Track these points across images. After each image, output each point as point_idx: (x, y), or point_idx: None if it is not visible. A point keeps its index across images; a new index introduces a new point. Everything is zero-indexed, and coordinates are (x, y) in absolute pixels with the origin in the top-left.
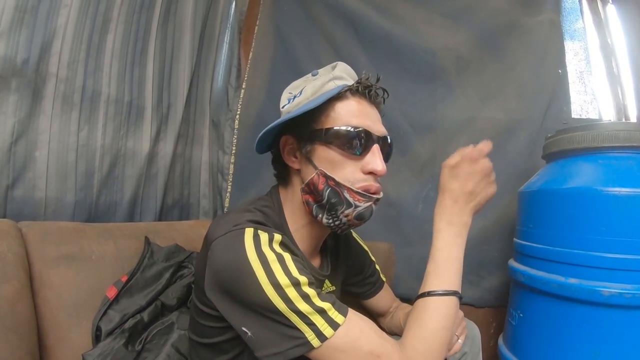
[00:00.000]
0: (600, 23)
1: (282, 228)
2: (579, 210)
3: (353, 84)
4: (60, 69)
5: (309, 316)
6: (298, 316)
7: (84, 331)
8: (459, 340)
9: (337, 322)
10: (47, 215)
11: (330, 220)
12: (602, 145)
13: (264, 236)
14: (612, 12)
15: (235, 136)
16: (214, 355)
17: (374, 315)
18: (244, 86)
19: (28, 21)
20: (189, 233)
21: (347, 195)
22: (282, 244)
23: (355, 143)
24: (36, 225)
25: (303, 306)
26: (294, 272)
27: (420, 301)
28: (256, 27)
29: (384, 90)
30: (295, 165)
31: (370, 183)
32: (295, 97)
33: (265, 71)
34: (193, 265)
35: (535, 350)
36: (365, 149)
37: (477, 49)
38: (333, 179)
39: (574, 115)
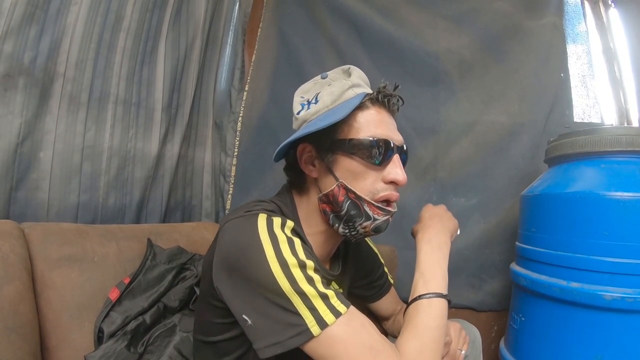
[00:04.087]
0: (602, 27)
1: (296, 228)
2: (581, 215)
3: (373, 93)
4: (68, 69)
5: (312, 299)
6: (300, 298)
7: (86, 333)
8: (462, 352)
9: (339, 310)
10: (50, 217)
11: (347, 231)
12: (605, 149)
13: (277, 220)
14: (614, 16)
15: (238, 138)
16: (218, 356)
17: (378, 319)
18: (246, 88)
19: (39, 17)
20: (191, 235)
21: (366, 208)
22: (294, 230)
23: (377, 153)
24: (39, 226)
25: (307, 288)
26: (301, 254)
27: (411, 306)
28: (259, 30)
29: (401, 98)
30: (313, 174)
31: (391, 192)
32: (309, 102)
33: (268, 74)
34: (196, 267)
35: (537, 354)
36: (386, 159)
37: (480, 52)
38: (354, 192)
39: (576, 119)
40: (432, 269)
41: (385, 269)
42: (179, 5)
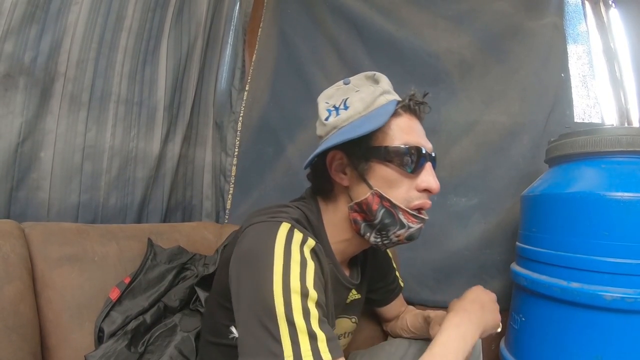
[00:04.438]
0: (603, 27)
1: (320, 235)
2: (582, 215)
3: (405, 100)
4: (69, 68)
5: (299, 334)
6: (288, 328)
7: (87, 332)
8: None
9: (321, 358)
10: (50, 217)
11: (379, 240)
12: (605, 149)
13: (297, 235)
14: (615, 16)
15: (238, 138)
16: (228, 358)
17: (381, 321)
18: (247, 88)
19: (39, 17)
20: (191, 235)
21: (401, 216)
22: (313, 251)
23: (411, 161)
24: (39, 226)
25: (299, 320)
26: (309, 282)
27: None
28: (260, 30)
29: (428, 105)
30: (344, 182)
31: (425, 201)
32: (337, 108)
33: (268, 73)
34: (196, 267)
35: (537, 354)
36: (419, 167)
37: (480, 52)
38: (389, 200)
39: (577, 119)
40: (444, 356)
41: (397, 273)
42: (180, 4)
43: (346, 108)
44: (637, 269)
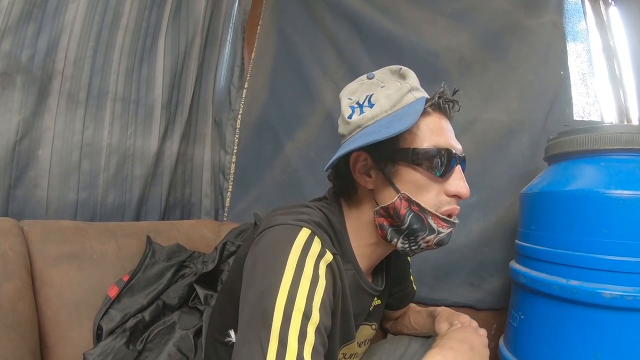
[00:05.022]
0: (602, 25)
1: (343, 240)
2: (581, 213)
3: (435, 98)
4: (66, 66)
5: (287, 354)
6: (278, 347)
7: (85, 330)
8: None
9: None
10: (49, 215)
11: (407, 245)
12: (604, 147)
13: (316, 245)
14: (614, 14)
15: (237, 136)
16: None
17: (383, 320)
18: (246, 86)
19: (36, 15)
20: (190, 232)
21: (431, 221)
22: (329, 267)
23: (440, 164)
24: (38, 223)
25: (292, 341)
26: (315, 304)
27: None
28: (259, 27)
29: (459, 104)
30: (369, 185)
31: (454, 206)
32: (361, 105)
33: (267, 71)
34: (195, 265)
35: (536, 351)
36: (448, 170)
37: (479, 50)
38: (417, 204)
39: (576, 117)
40: None
41: (412, 277)
42: (178, 2)
43: (371, 106)
44: (636, 266)
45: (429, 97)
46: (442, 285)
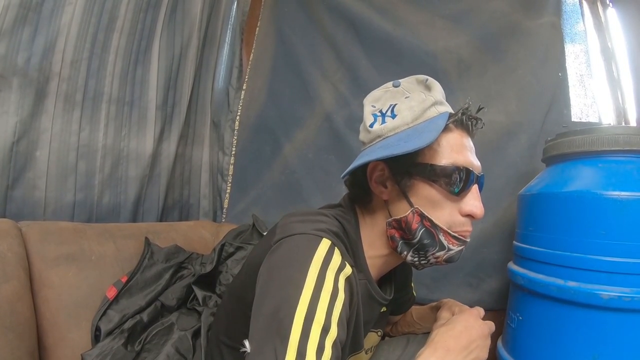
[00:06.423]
0: (600, 26)
1: (357, 250)
2: (579, 214)
3: (459, 115)
4: (63, 68)
5: None
6: (297, 356)
7: (84, 331)
8: None
9: None
10: (46, 215)
11: (416, 259)
12: (602, 149)
13: (337, 258)
14: (612, 15)
15: (235, 137)
16: None
17: None
18: (244, 87)
19: (32, 19)
20: (188, 234)
21: (442, 237)
22: (348, 280)
23: (458, 181)
24: (36, 225)
25: (310, 353)
26: (334, 318)
27: None
28: (257, 29)
29: (482, 122)
30: (384, 196)
31: (468, 228)
32: (384, 114)
33: (265, 72)
34: (193, 266)
35: (534, 352)
36: (465, 189)
37: (478, 51)
38: (430, 220)
39: (574, 118)
40: None
41: (412, 283)
42: (173, 4)
43: (393, 116)
44: (633, 267)
45: (452, 112)
46: (440, 286)
